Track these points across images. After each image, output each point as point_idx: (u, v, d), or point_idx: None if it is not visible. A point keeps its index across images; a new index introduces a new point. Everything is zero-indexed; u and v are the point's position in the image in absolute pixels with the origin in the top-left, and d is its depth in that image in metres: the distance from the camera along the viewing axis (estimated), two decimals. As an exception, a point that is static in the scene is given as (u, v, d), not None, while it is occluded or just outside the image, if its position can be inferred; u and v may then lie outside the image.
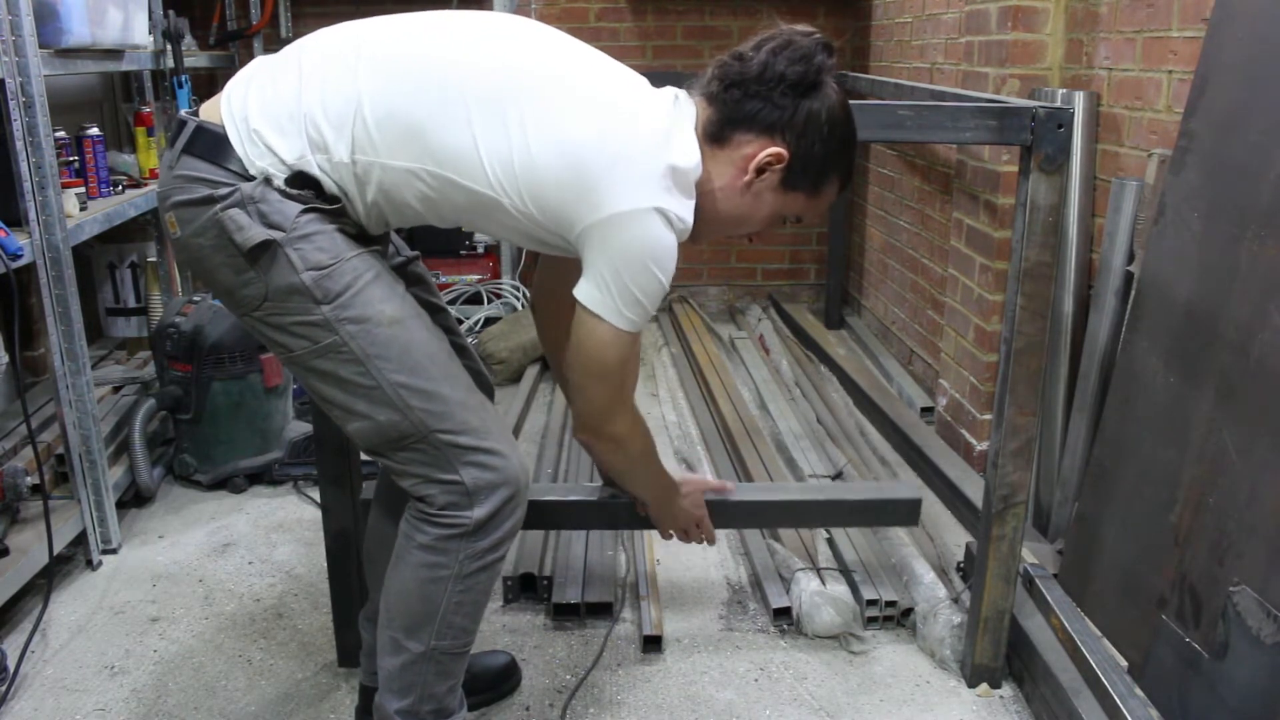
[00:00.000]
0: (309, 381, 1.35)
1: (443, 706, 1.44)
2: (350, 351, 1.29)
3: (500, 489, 1.34)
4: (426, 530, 1.35)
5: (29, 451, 2.28)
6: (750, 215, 1.40)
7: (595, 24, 4.09)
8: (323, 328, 1.29)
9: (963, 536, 2.28)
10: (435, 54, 1.29)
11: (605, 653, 1.92)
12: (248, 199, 1.25)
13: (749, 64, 1.33)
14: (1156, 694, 1.58)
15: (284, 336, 1.31)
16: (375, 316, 1.30)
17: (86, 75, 3.18)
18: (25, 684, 1.83)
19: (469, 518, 1.33)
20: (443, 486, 1.33)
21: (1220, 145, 1.66)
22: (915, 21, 3.30)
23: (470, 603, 1.39)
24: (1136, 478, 1.75)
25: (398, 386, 1.30)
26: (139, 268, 3.12)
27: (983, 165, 2.52)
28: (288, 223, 1.26)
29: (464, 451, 1.32)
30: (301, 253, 1.26)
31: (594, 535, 2.25)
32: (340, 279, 1.28)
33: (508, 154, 1.25)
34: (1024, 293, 1.60)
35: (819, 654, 1.93)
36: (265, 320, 1.31)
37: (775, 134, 1.33)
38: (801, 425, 2.92)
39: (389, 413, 1.30)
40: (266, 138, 1.27)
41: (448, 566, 1.35)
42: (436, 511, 1.34)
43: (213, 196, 1.26)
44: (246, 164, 1.27)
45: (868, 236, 3.92)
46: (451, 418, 1.32)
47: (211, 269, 1.31)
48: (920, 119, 1.55)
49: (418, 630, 1.38)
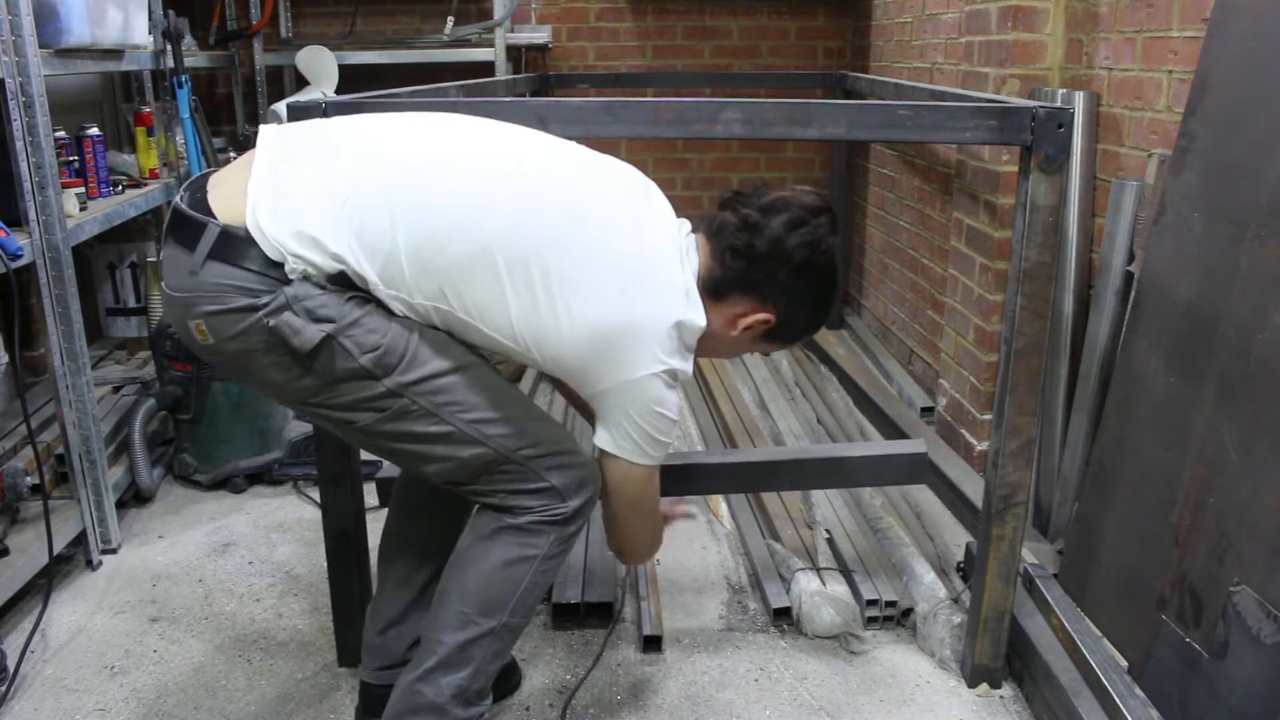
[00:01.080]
0: (377, 444, 1.40)
1: (485, 688, 1.49)
2: (421, 409, 1.34)
3: (587, 485, 1.44)
4: (520, 516, 1.42)
5: (29, 451, 2.28)
6: (729, 351, 1.57)
7: (595, 24, 4.09)
8: (389, 397, 1.33)
9: (963, 536, 2.28)
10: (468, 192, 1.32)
11: (605, 653, 1.92)
12: (293, 299, 1.27)
13: (758, 236, 1.40)
14: (1156, 694, 1.58)
15: (349, 414, 1.35)
16: (435, 372, 1.34)
17: (86, 75, 3.18)
18: (25, 684, 1.83)
19: (567, 508, 1.42)
20: (535, 494, 1.41)
21: (1220, 145, 1.66)
22: (915, 21, 3.30)
23: (544, 584, 1.47)
24: (1136, 478, 1.75)
25: (473, 423, 1.37)
26: (139, 268, 3.12)
27: (983, 165, 2.52)
28: (337, 313, 1.28)
29: (546, 458, 1.41)
30: (354, 338, 1.29)
31: (594, 535, 2.25)
32: (395, 351, 1.32)
33: (538, 324, 1.33)
34: (1024, 293, 1.60)
35: (819, 654, 1.93)
36: (325, 404, 1.35)
37: (767, 302, 1.45)
38: (801, 425, 2.92)
39: (471, 448, 1.37)
40: (304, 255, 1.27)
41: (538, 547, 1.42)
42: (531, 509, 1.42)
43: (254, 305, 1.27)
44: (287, 269, 1.28)
45: (868, 236, 3.92)
46: (526, 434, 1.40)
47: (257, 369, 1.33)
48: (920, 119, 1.55)
49: (496, 607, 1.43)
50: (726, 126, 1.56)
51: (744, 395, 3.16)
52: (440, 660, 1.44)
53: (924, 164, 3.21)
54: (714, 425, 2.97)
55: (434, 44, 3.79)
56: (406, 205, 1.28)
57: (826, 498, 2.43)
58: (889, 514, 2.32)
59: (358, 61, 3.66)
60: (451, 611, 1.44)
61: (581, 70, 4.11)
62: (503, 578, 1.42)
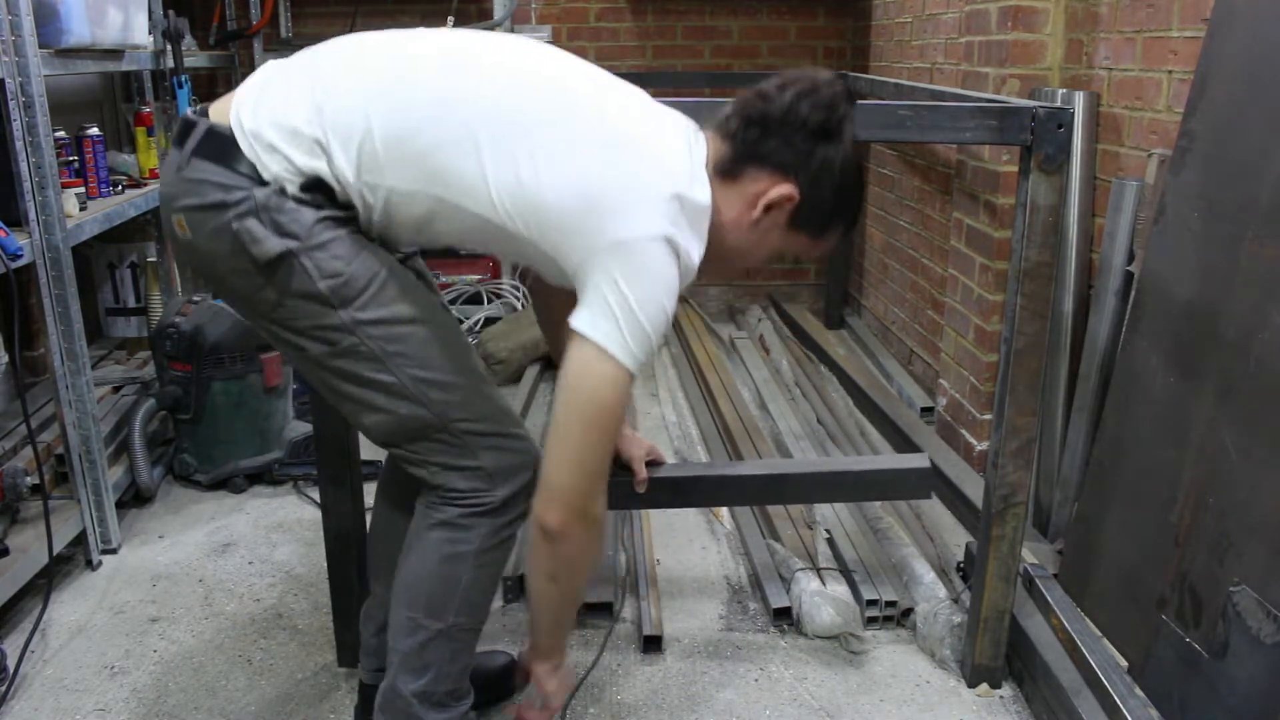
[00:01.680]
0: (323, 379, 1.36)
1: (457, 688, 1.46)
2: (369, 351, 1.30)
3: (521, 472, 1.38)
4: (446, 510, 1.38)
5: (29, 451, 2.28)
6: (752, 250, 1.41)
7: (595, 24, 4.09)
8: (341, 330, 1.29)
9: (963, 536, 2.28)
10: (448, 81, 1.29)
11: (605, 653, 1.92)
12: (261, 207, 1.25)
13: (772, 103, 1.33)
14: (1156, 694, 1.58)
15: (300, 339, 1.32)
16: (392, 316, 1.31)
17: (86, 75, 3.18)
18: (25, 684, 1.83)
19: (493, 496, 1.37)
20: (463, 473, 1.36)
21: (1220, 145, 1.66)
22: (915, 21, 3.30)
23: (488, 579, 1.42)
24: (1136, 478, 1.75)
25: (418, 381, 1.32)
26: (139, 268, 3.12)
27: (983, 165, 2.52)
28: (303, 231, 1.26)
29: (483, 437, 1.36)
30: (317, 261, 1.27)
31: (594, 535, 2.25)
32: (356, 283, 1.29)
33: (516, 185, 1.25)
34: (1024, 293, 1.60)
35: (819, 654, 1.93)
36: (279, 323, 1.32)
37: (788, 174, 1.33)
38: (801, 425, 2.92)
39: (410, 406, 1.32)
40: (280, 147, 1.26)
41: (469, 542, 1.38)
42: (458, 493, 1.37)
43: (225, 202, 1.26)
44: (260, 169, 1.26)
45: (868, 236, 3.92)
46: (470, 406, 1.35)
47: (223, 274, 1.31)
48: (920, 119, 1.55)
49: (439, 608, 1.40)
50: (727, 126, 1.55)
51: (744, 395, 3.16)
52: (399, 666, 1.43)
53: (924, 164, 3.21)
54: (714, 425, 2.97)
55: (434, 44, 3.78)
56: (380, 91, 1.27)
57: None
58: (889, 514, 2.32)
59: (358, 61, 3.65)
60: (401, 616, 1.43)
61: (581, 70, 4.10)
62: (440, 577, 1.39)
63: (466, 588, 1.40)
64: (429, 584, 1.40)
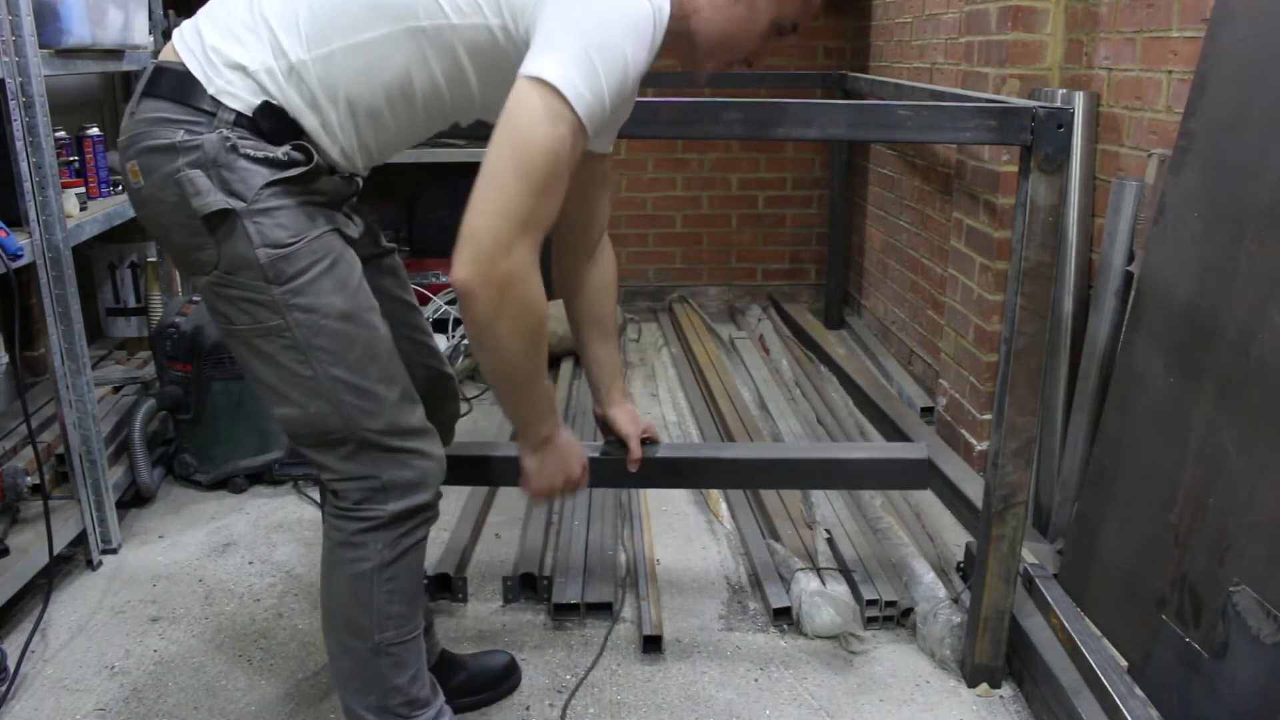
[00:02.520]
0: (245, 357, 1.32)
1: (413, 698, 1.44)
2: (293, 338, 1.27)
3: (416, 489, 1.35)
4: (342, 527, 1.36)
5: (29, 451, 2.28)
6: (746, 29, 1.30)
7: (595, 24, 4.08)
8: (269, 308, 1.25)
9: (963, 536, 2.28)
10: None
11: (605, 653, 1.92)
12: (210, 161, 1.21)
13: None
14: (1156, 694, 1.58)
15: (229, 308, 1.28)
16: (325, 308, 1.27)
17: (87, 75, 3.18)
18: (25, 684, 1.83)
19: (384, 510, 1.34)
20: (358, 482, 1.33)
21: (1220, 145, 1.66)
22: (915, 21, 3.30)
23: (402, 589, 1.39)
24: (1136, 478, 1.75)
25: (335, 380, 1.28)
26: (139, 268, 3.12)
27: (983, 165, 2.52)
28: (250, 193, 1.22)
29: (386, 451, 1.33)
30: (260, 227, 1.23)
31: (594, 535, 2.25)
32: (296, 262, 1.25)
33: None
34: (1024, 293, 1.60)
35: (819, 654, 1.93)
36: (213, 287, 1.28)
37: None
38: (801, 425, 2.92)
39: (320, 404, 1.29)
40: (226, 51, 1.23)
41: (368, 559, 1.35)
42: (351, 506, 1.34)
43: (176, 145, 1.21)
44: (213, 91, 1.21)
45: (868, 236, 3.92)
46: (381, 416, 1.31)
47: (167, 226, 1.27)
48: (920, 119, 1.55)
49: (361, 630, 1.38)
50: (726, 126, 1.56)
51: (744, 395, 3.16)
52: (345, 688, 1.43)
53: (924, 164, 3.21)
54: (714, 425, 2.97)
55: (434, 44, 3.78)
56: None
57: (826, 498, 2.43)
58: (889, 514, 2.32)
59: (358, 61, 3.65)
60: (331, 640, 1.43)
61: (581, 70, 4.10)
62: (351, 597, 1.37)
63: (381, 604, 1.37)
64: (344, 606, 1.39)
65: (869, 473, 1.92)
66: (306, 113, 1.25)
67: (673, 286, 4.38)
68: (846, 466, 1.91)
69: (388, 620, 1.38)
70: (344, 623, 1.40)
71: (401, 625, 1.40)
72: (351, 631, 1.39)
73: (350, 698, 1.43)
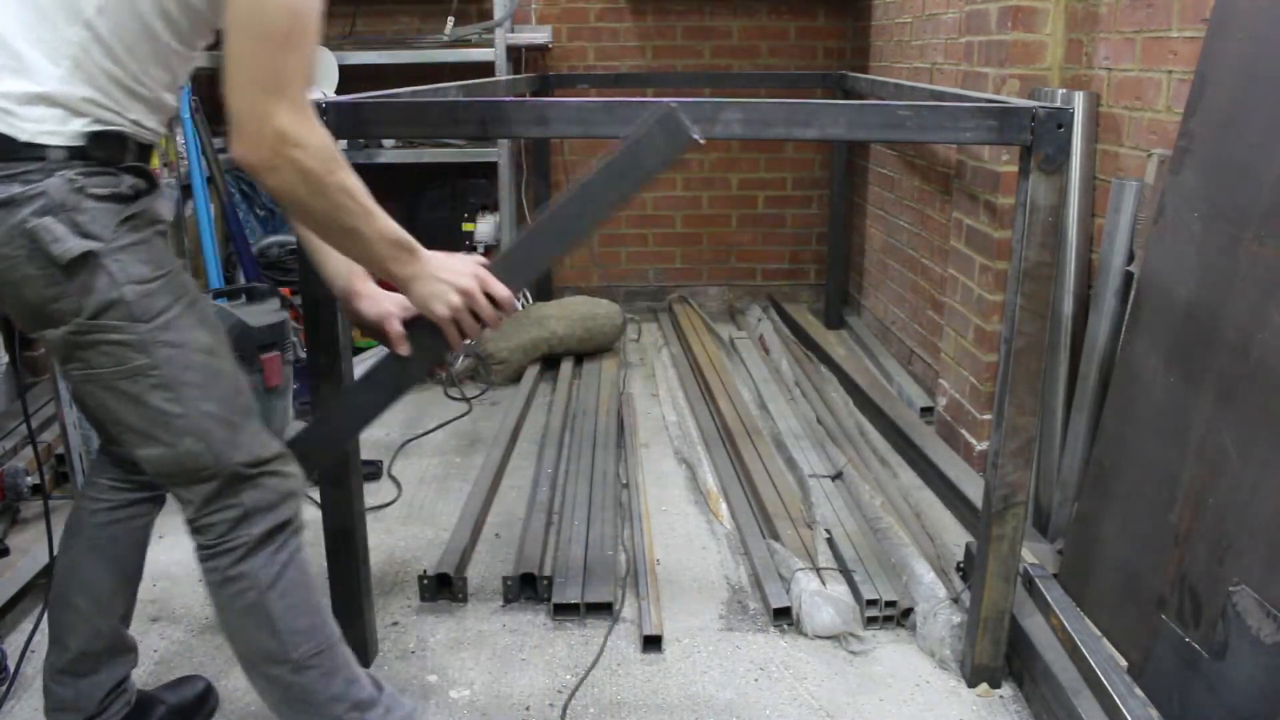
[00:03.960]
0: (105, 403, 1.28)
1: (357, 701, 1.43)
2: (161, 375, 1.25)
3: (277, 507, 1.36)
4: (216, 566, 1.35)
5: (29, 451, 2.28)
6: None
7: (595, 24, 4.09)
8: (135, 348, 1.23)
9: (963, 536, 2.28)
10: None
11: (605, 653, 1.92)
12: (58, 206, 1.17)
13: None
14: (1156, 694, 1.58)
15: (90, 354, 1.24)
16: (191, 342, 1.27)
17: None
18: (25, 684, 1.83)
19: (250, 535, 1.34)
20: (223, 511, 1.33)
21: (1220, 145, 1.66)
22: (915, 21, 3.30)
23: (299, 602, 1.38)
24: (1136, 478, 1.75)
25: (206, 415, 1.29)
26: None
27: (983, 165, 2.53)
28: (106, 232, 1.20)
29: (249, 479, 1.33)
30: (122, 264, 1.21)
31: (594, 535, 2.25)
32: (161, 297, 1.24)
33: None
34: (1024, 293, 1.60)
35: (819, 654, 1.93)
36: (72, 336, 1.23)
37: None
38: (801, 425, 2.92)
39: (191, 441, 1.29)
40: (10, 88, 1.16)
41: (253, 587, 1.35)
42: (216, 539, 1.34)
43: (14, 198, 1.16)
44: (27, 138, 1.16)
45: (868, 236, 3.92)
46: (246, 449, 1.33)
47: (17, 281, 1.20)
48: (920, 119, 1.55)
49: (275, 654, 1.37)
50: (726, 126, 1.56)
51: (744, 395, 3.16)
52: (287, 717, 1.42)
53: (924, 164, 3.21)
54: (714, 425, 2.98)
55: (434, 44, 3.79)
56: None
57: (826, 498, 2.43)
58: (889, 514, 2.32)
59: (357, 62, 3.66)
60: (256, 677, 1.41)
61: (581, 70, 4.11)
62: (252, 628, 1.36)
63: (283, 623, 1.36)
64: (250, 638, 1.38)
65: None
66: (112, 91, 1.21)
67: (673, 286, 4.38)
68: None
69: (297, 635, 1.37)
70: (258, 655, 1.38)
71: (313, 636, 1.39)
72: (268, 660, 1.38)
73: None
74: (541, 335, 3.48)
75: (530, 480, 2.61)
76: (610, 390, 3.23)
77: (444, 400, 3.33)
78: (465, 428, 3.09)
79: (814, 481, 2.51)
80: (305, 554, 1.41)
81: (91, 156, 1.21)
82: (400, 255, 1.33)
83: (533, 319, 3.54)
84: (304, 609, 1.38)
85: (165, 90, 1.31)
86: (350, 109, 1.62)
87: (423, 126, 1.65)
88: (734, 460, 2.71)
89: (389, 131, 1.68)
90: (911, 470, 2.68)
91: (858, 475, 2.53)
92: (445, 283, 1.36)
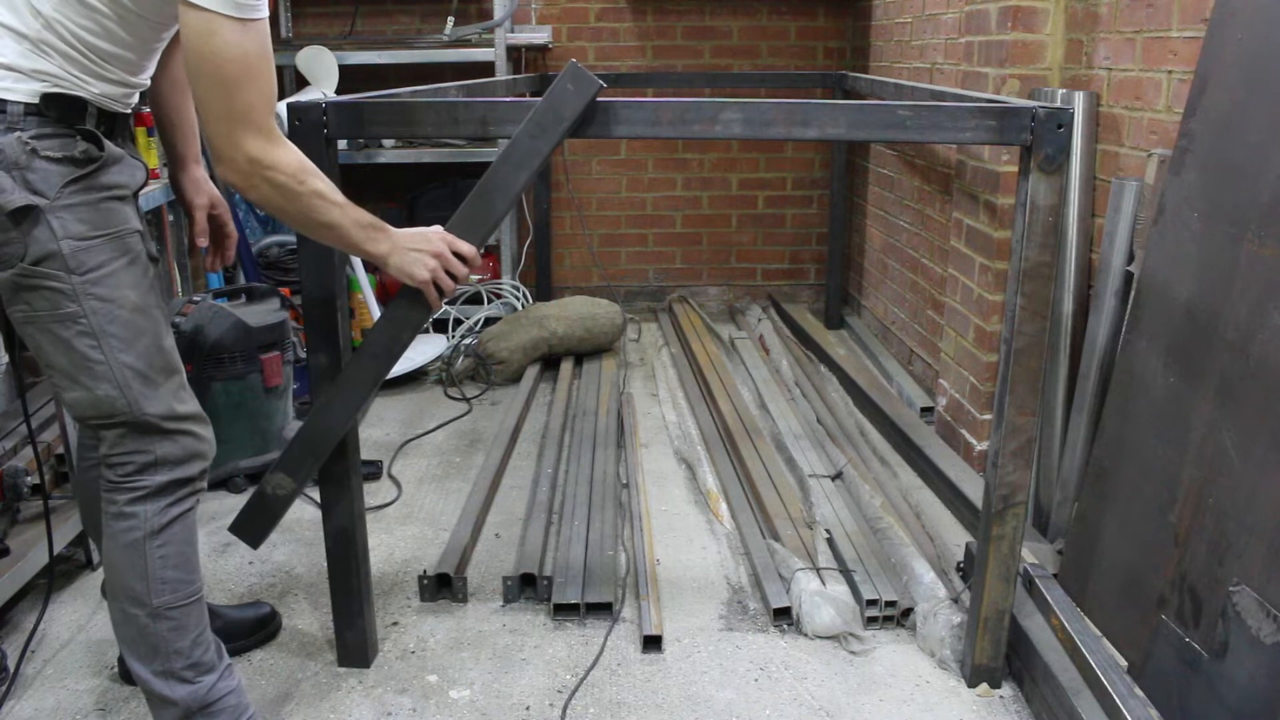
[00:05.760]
0: (40, 343, 1.41)
1: (196, 661, 1.52)
2: (88, 324, 1.38)
3: (185, 462, 1.48)
4: (115, 499, 1.47)
5: (29, 451, 2.28)
6: None
7: (595, 24, 4.09)
8: (68, 296, 1.36)
9: (963, 536, 2.28)
10: None
11: (605, 653, 1.92)
12: (12, 164, 1.30)
13: None
14: (1156, 694, 1.58)
15: (31, 295, 1.36)
16: (120, 299, 1.39)
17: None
18: (25, 684, 1.83)
19: (152, 481, 1.46)
20: (133, 457, 1.45)
21: (1220, 145, 1.66)
22: (915, 21, 3.30)
23: (174, 554, 1.49)
24: (1136, 478, 1.75)
25: (124, 367, 1.41)
26: (139, 268, 3.12)
27: (983, 165, 2.53)
28: (52, 191, 1.33)
29: (164, 434, 1.45)
30: (63, 222, 1.34)
31: (594, 535, 2.25)
32: (97, 255, 1.36)
33: None
34: (1024, 293, 1.60)
35: (819, 654, 1.93)
36: (17, 279, 1.36)
37: None
38: (801, 425, 2.92)
39: (108, 388, 1.41)
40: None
41: (138, 528, 1.46)
42: (122, 478, 1.46)
43: None
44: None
45: (868, 236, 3.92)
46: (161, 401, 1.45)
47: None
48: (920, 119, 1.55)
49: (139, 595, 1.48)
50: (726, 126, 1.56)
51: (744, 395, 3.16)
52: (131, 654, 1.52)
53: (924, 164, 3.21)
54: (714, 425, 2.98)
55: (434, 44, 3.79)
56: None
57: (826, 498, 2.43)
58: (889, 514, 2.32)
59: (358, 61, 3.66)
60: (114, 608, 1.51)
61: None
62: (128, 565, 1.47)
63: (155, 569, 1.47)
64: (122, 574, 1.48)
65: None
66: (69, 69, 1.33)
67: (673, 286, 4.38)
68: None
69: (163, 585, 1.48)
70: (123, 590, 1.49)
71: (178, 589, 1.50)
72: (130, 598, 1.48)
73: (136, 664, 1.52)
74: (541, 335, 3.48)
75: (530, 480, 2.61)
76: (610, 390, 3.23)
77: (444, 400, 3.33)
78: (465, 428, 3.09)
79: (814, 481, 2.51)
80: (194, 518, 1.53)
81: (47, 115, 1.33)
82: (374, 235, 1.50)
83: (533, 319, 3.54)
84: (177, 562, 1.50)
85: (129, 72, 1.43)
86: (350, 109, 1.62)
87: (423, 126, 1.65)
88: (734, 460, 2.71)
89: (389, 131, 1.69)
90: (911, 470, 2.69)
91: (858, 475, 2.54)
92: (418, 251, 1.54)
